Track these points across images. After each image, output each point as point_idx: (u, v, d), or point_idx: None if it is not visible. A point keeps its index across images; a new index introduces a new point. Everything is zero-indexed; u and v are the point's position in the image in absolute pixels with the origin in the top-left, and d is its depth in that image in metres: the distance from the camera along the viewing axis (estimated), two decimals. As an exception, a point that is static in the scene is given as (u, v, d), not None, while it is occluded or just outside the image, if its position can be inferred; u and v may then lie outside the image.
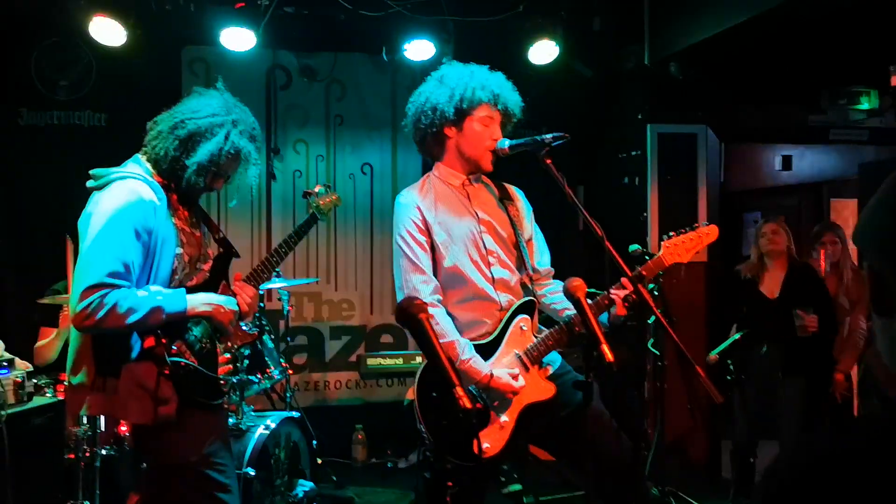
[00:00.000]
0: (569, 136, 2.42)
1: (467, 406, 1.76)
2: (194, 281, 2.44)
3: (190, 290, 2.36)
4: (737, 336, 4.22)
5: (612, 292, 2.46)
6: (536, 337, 2.55)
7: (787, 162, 6.42)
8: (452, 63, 2.69)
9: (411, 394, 2.46)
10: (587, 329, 2.11)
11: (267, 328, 3.80)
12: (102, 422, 2.49)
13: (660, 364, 4.38)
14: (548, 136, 2.44)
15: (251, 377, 3.59)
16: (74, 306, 2.15)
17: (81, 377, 2.28)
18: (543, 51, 4.79)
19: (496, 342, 2.53)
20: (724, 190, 5.84)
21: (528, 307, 2.60)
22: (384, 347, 5.50)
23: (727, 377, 4.24)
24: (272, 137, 5.20)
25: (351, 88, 5.44)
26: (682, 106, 5.19)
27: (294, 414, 3.78)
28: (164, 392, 2.24)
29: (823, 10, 4.02)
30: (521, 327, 2.56)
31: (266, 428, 3.46)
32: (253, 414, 3.63)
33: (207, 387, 2.40)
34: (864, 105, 5.32)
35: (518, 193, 2.81)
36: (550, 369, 2.57)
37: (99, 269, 2.15)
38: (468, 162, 2.64)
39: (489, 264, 2.58)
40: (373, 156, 5.51)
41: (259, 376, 3.64)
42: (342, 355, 5.46)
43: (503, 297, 2.58)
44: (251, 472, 3.27)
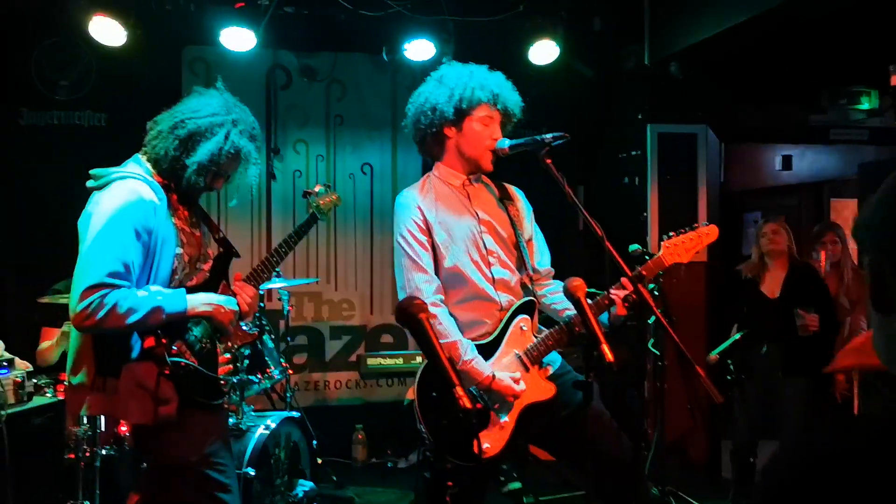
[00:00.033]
0: (569, 136, 2.42)
1: (467, 406, 1.76)
2: (194, 281, 2.44)
3: (190, 290, 2.36)
4: (737, 336, 4.22)
5: (612, 292, 2.46)
6: (536, 337, 2.55)
7: (788, 162, 6.41)
8: (452, 63, 2.69)
9: (411, 394, 2.46)
10: (587, 329, 2.11)
11: (267, 328, 3.80)
12: (102, 422, 2.49)
13: (660, 364, 4.37)
14: (548, 136, 2.43)
15: (251, 377, 3.59)
16: (74, 306, 2.15)
17: (81, 377, 2.28)
18: (543, 51, 4.79)
19: (496, 342, 2.53)
20: (725, 190, 5.83)
21: (528, 307, 2.60)
22: (384, 347, 5.50)
23: (727, 377, 4.23)
24: (272, 137, 5.20)
25: (351, 88, 5.43)
26: (683, 106, 5.19)
27: (294, 414, 3.78)
28: (165, 392, 2.24)
29: (823, 10, 4.02)
30: (522, 327, 2.56)
31: (266, 428, 3.46)
32: (253, 414, 3.63)
33: (207, 387, 2.40)
34: (865, 105, 5.32)
35: (518, 193, 2.81)
36: (550, 369, 2.57)
37: (99, 269, 2.15)
38: (468, 162, 2.64)
39: (489, 264, 2.58)
40: (373, 156, 5.51)
41: (259, 376, 3.64)
42: (342, 355, 5.47)
43: (503, 298, 2.57)
44: (251, 472, 3.27)
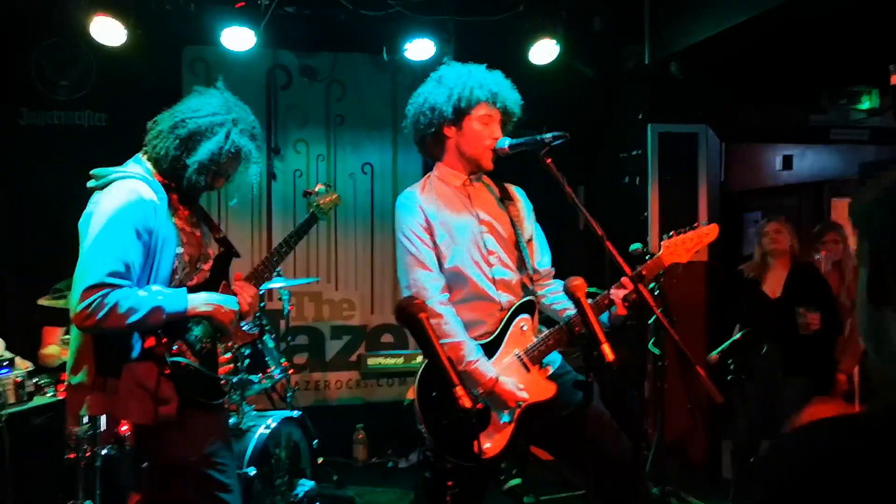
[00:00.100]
0: (569, 136, 2.41)
1: (467, 406, 1.76)
2: (195, 280, 2.44)
3: (190, 290, 2.36)
4: (738, 336, 4.21)
5: (613, 292, 2.46)
6: (537, 337, 2.55)
7: (788, 161, 6.40)
8: (451, 63, 2.68)
9: (412, 393, 2.46)
10: (587, 329, 2.11)
11: (267, 328, 3.80)
12: (103, 421, 2.49)
13: (660, 364, 4.37)
14: (548, 136, 2.43)
15: (252, 377, 3.59)
16: (75, 306, 2.15)
17: (82, 377, 2.28)
18: (544, 50, 4.79)
19: (497, 342, 2.53)
20: (725, 189, 5.82)
21: (529, 307, 2.60)
22: (385, 347, 5.50)
23: (728, 377, 4.23)
24: (272, 137, 5.21)
25: (351, 88, 5.43)
26: (683, 106, 5.18)
27: (295, 413, 3.78)
28: (165, 392, 2.24)
29: (823, 10, 4.02)
30: (522, 327, 2.56)
31: (267, 427, 3.46)
32: (254, 413, 3.63)
33: (208, 387, 2.40)
34: (865, 104, 5.31)
35: (519, 193, 2.80)
36: (551, 369, 2.57)
37: (99, 269, 2.15)
38: (468, 161, 2.64)
39: (490, 264, 2.58)
40: (373, 155, 5.51)
41: (260, 376, 3.64)
42: (343, 355, 5.47)
43: (504, 298, 2.57)
44: (252, 472, 3.27)
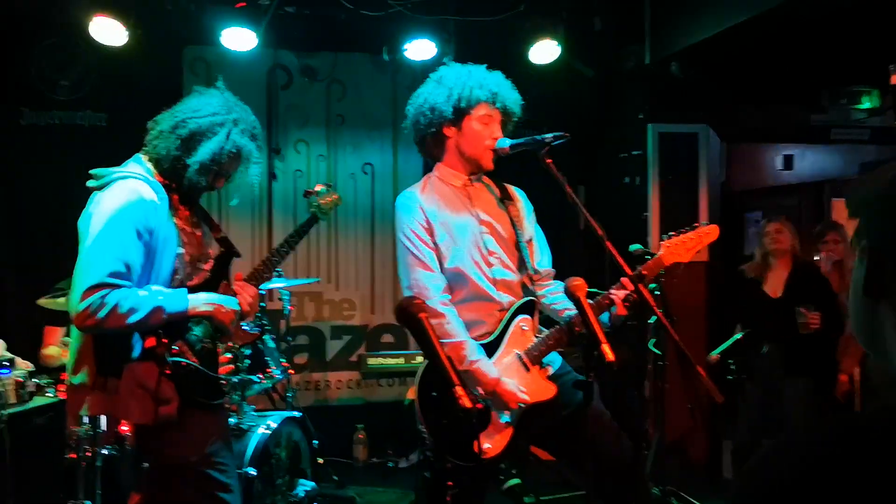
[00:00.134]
0: (569, 136, 2.41)
1: (467, 405, 1.76)
2: (195, 281, 2.44)
3: (191, 290, 2.36)
4: (738, 336, 4.21)
5: (613, 292, 2.45)
6: (537, 337, 2.54)
7: (789, 161, 6.40)
8: (451, 64, 2.68)
9: (412, 393, 2.46)
10: (587, 329, 2.10)
11: (268, 328, 3.80)
12: (103, 421, 2.50)
13: (660, 364, 4.36)
14: (548, 136, 2.43)
15: (252, 377, 3.59)
16: (75, 306, 2.15)
17: (82, 377, 2.28)
18: (544, 50, 4.79)
19: (497, 342, 2.53)
20: (725, 189, 5.83)
21: (529, 307, 2.60)
22: (385, 347, 5.50)
23: (728, 377, 4.23)
24: (273, 137, 5.21)
25: (351, 88, 5.43)
26: (683, 105, 5.18)
27: (295, 413, 3.78)
28: (165, 392, 2.24)
29: (823, 10, 4.02)
30: (522, 327, 2.56)
31: (267, 427, 3.46)
32: (254, 413, 3.63)
33: (208, 387, 2.40)
34: (866, 104, 5.32)
35: (519, 194, 2.80)
36: (551, 369, 2.56)
37: (100, 269, 2.15)
38: (469, 161, 2.64)
39: (490, 265, 2.58)
40: (373, 155, 5.51)
41: (260, 376, 3.64)
42: (343, 355, 5.47)
43: (504, 298, 2.57)
44: (252, 472, 3.27)
